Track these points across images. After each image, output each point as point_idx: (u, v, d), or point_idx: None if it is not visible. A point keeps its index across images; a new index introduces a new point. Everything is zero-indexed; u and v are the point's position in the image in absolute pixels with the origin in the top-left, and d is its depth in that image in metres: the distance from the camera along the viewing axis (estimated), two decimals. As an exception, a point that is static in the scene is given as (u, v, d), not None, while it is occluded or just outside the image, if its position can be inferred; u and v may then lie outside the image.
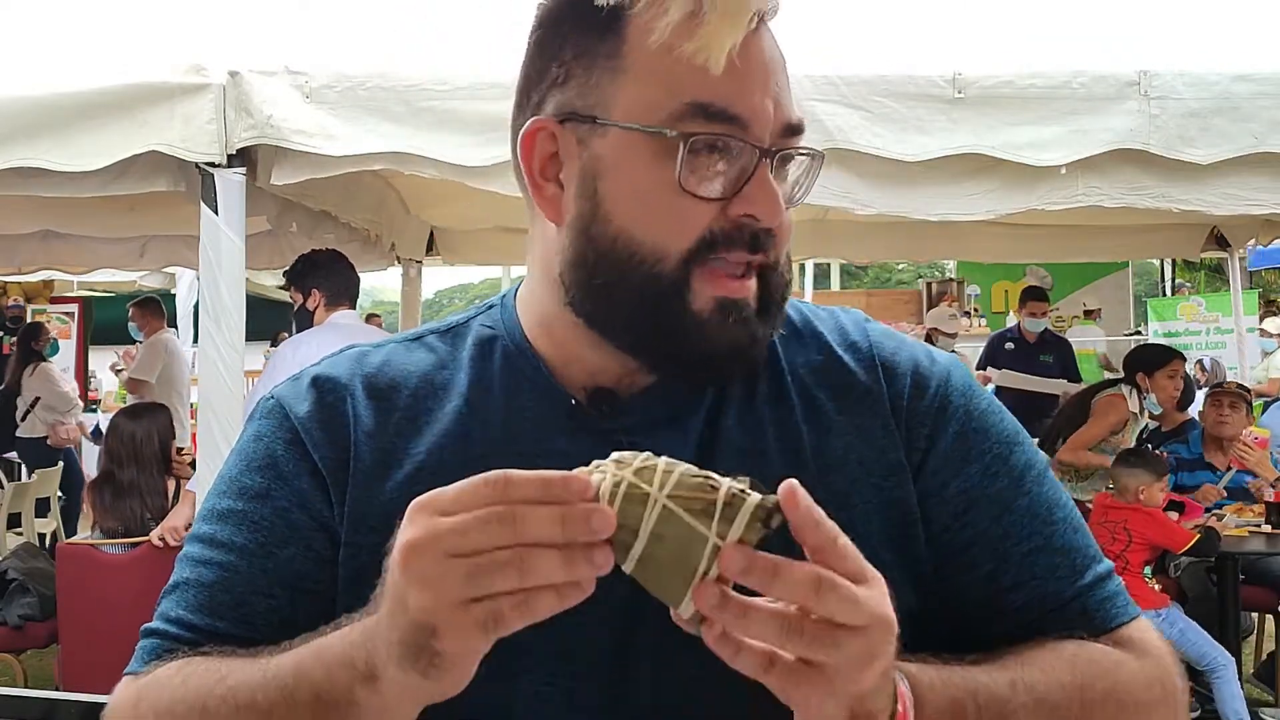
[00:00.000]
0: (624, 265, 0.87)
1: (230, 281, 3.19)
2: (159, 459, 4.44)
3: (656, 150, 0.86)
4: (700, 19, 0.84)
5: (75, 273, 8.22)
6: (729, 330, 0.87)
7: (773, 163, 0.87)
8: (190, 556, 0.95)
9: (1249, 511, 4.88)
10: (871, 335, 1.00)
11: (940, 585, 0.92)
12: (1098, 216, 5.06)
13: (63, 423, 8.17)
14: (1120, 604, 0.94)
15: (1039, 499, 0.95)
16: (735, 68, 0.84)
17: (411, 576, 0.69)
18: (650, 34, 0.85)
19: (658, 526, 0.69)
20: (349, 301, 4.40)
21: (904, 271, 25.84)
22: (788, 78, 0.90)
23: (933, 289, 11.52)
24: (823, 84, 3.16)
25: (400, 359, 0.98)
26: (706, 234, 0.86)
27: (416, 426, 0.94)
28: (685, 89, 0.85)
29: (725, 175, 0.86)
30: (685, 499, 0.69)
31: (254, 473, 0.94)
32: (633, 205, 0.87)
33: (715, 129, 0.85)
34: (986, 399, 0.99)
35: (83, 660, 3.99)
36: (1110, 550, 4.21)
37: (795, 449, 0.93)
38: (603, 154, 0.88)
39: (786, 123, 0.88)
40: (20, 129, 3.13)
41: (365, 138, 3.13)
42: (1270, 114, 3.17)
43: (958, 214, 3.51)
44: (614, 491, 0.69)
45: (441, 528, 0.68)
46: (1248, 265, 11.26)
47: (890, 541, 0.91)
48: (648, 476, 0.69)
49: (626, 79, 0.87)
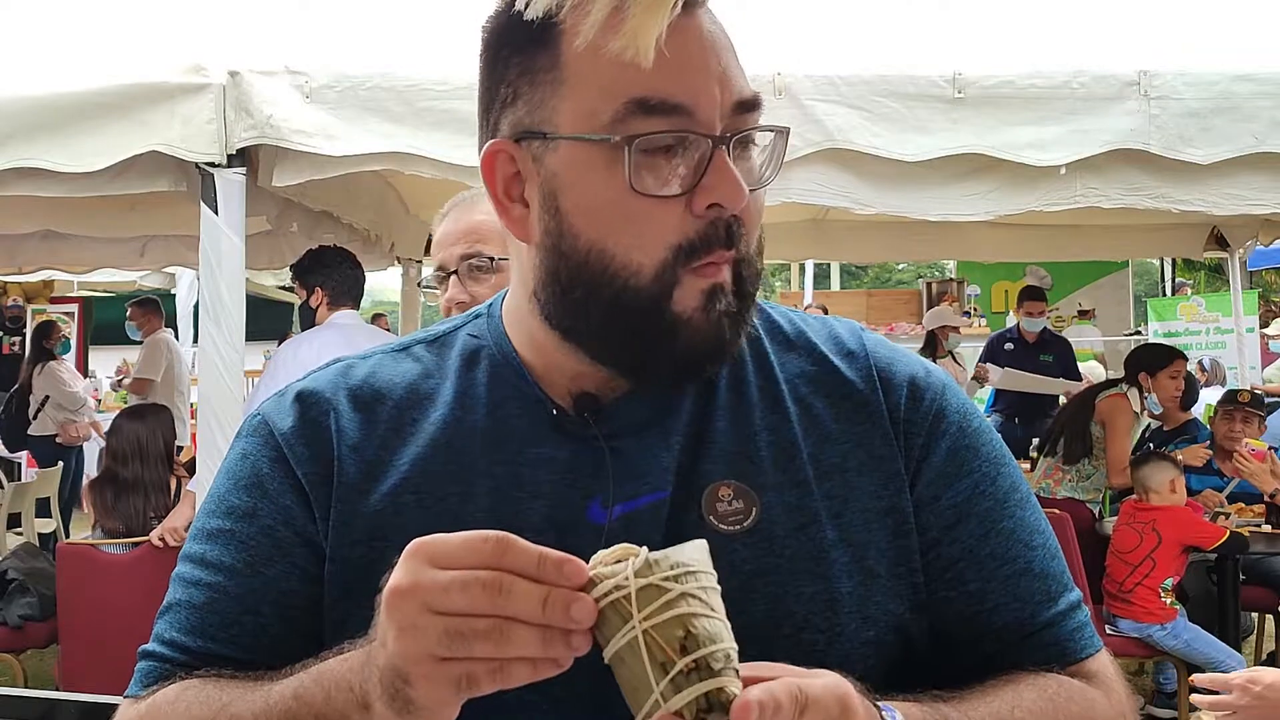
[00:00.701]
0: (599, 278, 0.85)
1: (230, 281, 3.19)
2: (164, 458, 4.46)
3: (608, 158, 0.83)
4: (624, 14, 0.82)
5: (75, 273, 8.23)
6: (713, 323, 0.86)
7: (730, 147, 0.84)
8: (182, 576, 0.95)
9: (1249, 512, 4.90)
10: (868, 344, 0.99)
11: (927, 600, 0.92)
12: (1097, 216, 5.05)
13: (74, 421, 8.19)
14: (1088, 634, 0.96)
15: (1023, 523, 0.96)
16: (669, 56, 0.82)
17: (392, 622, 0.69)
18: (578, 38, 0.83)
19: (623, 651, 0.69)
20: (352, 302, 4.39)
21: (904, 271, 25.84)
22: (735, 56, 0.88)
23: (933, 289, 11.50)
24: (823, 84, 3.16)
25: (387, 369, 0.98)
26: (681, 242, 0.84)
27: (402, 437, 0.93)
28: (621, 88, 0.83)
29: (682, 169, 0.84)
30: (656, 642, 0.69)
31: (241, 491, 0.94)
32: (597, 217, 0.85)
33: (660, 123, 0.83)
34: (979, 418, 0.99)
35: (83, 660, 3.99)
36: (1139, 552, 4.22)
37: (790, 455, 0.92)
38: (558, 169, 0.86)
39: (738, 100, 0.86)
40: (20, 129, 3.13)
41: (365, 138, 3.13)
42: (1270, 114, 3.17)
43: (958, 214, 3.51)
44: (609, 594, 0.69)
45: (427, 580, 0.68)
46: (1248, 265, 11.26)
47: (886, 550, 0.91)
48: (648, 597, 0.69)
49: (567, 89, 0.85)
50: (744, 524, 0.89)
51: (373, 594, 0.75)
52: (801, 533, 0.89)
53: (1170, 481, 4.34)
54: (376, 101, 3.13)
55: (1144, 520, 4.29)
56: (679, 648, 0.68)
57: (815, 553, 0.89)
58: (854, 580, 0.89)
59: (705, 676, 0.68)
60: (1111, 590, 4.30)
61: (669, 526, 0.88)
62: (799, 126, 3.15)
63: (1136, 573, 4.20)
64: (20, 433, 8.22)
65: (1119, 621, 4.27)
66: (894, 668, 0.90)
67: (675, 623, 0.69)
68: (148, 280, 9.21)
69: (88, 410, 8.49)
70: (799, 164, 3.20)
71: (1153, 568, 4.18)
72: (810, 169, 3.24)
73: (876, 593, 0.90)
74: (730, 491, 0.90)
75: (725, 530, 0.88)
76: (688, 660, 0.68)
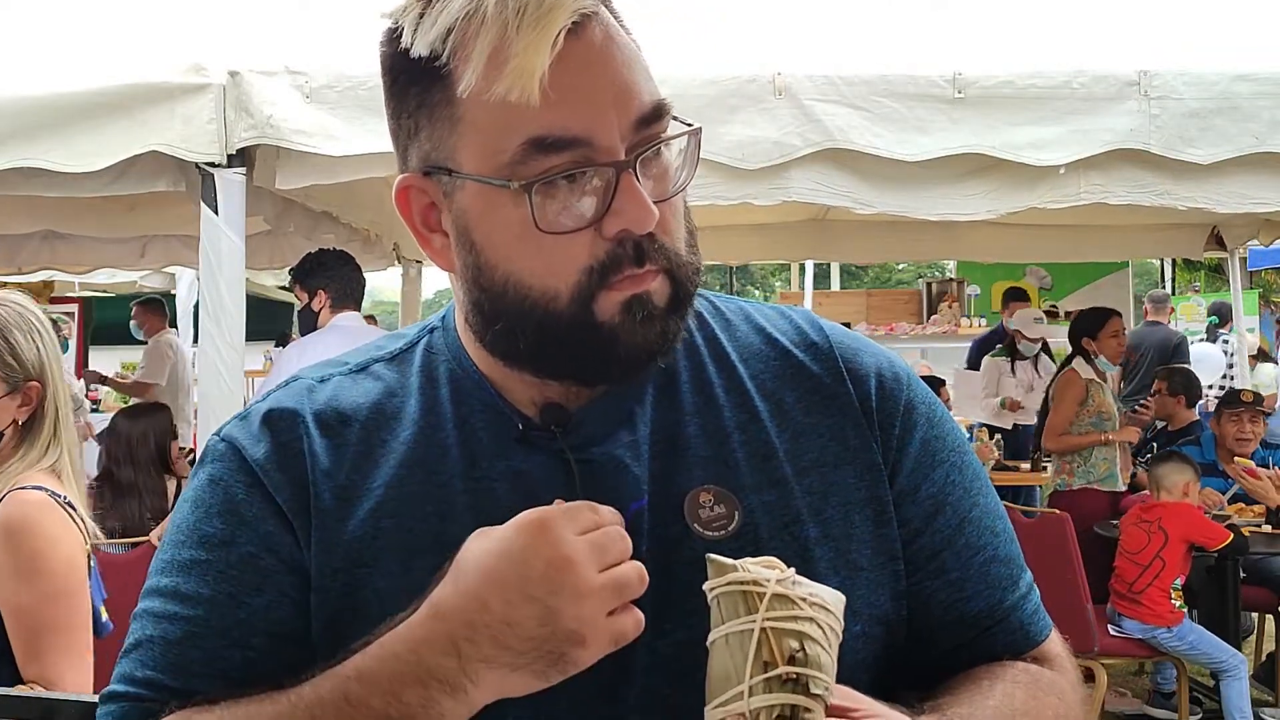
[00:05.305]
0: (520, 308, 0.85)
1: (230, 281, 3.19)
2: (156, 459, 4.45)
3: (513, 198, 0.82)
4: (506, 55, 0.79)
5: (76, 273, 8.21)
6: (639, 330, 0.85)
7: (636, 168, 0.82)
8: (150, 612, 0.89)
9: (1249, 512, 4.91)
10: (831, 336, 0.99)
11: (908, 589, 0.93)
12: (1098, 216, 5.06)
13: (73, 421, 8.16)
14: (1043, 616, 0.99)
15: (987, 509, 0.98)
16: (561, 87, 0.79)
17: (571, 592, 0.73)
18: (462, 83, 0.81)
19: (732, 638, 0.73)
20: (354, 303, 4.40)
21: (904, 271, 25.83)
22: (635, 60, 0.84)
23: (933, 289, 11.49)
24: (823, 84, 3.16)
25: (348, 391, 0.95)
26: (592, 264, 0.83)
27: (373, 459, 0.91)
28: (516, 129, 0.80)
29: (587, 200, 0.82)
30: (770, 643, 0.72)
31: (214, 519, 0.89)
32: (508, 252, 0.84)
33: (560, 159, 0.81)
34: (940, 406, 1.01)
35: (83, 660, 3.98)
36: (1148, 552, 4.22)
37: (765, 455, 0.92)
38: (466, 206, 0.85)
39: (638, 117, 0.83)
40: (20, 129, 3.13)
41: (365, 138, 3.12)
42: (1270, 114, 3.17)
43: (959, 213, 3.51)
44: (745, 584, 0.74)
45: (583, 545, 0.74)
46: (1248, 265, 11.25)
47: (867, 542, 0.92)
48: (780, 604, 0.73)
49: (463, 128, 0.83)
50: (728, 529, 0.88)
51: (357, 622, 0.80)
52: (785, 532, 0.89)
53: (1185, 484, 4.36)
54: (376, 101, 3.07)
55: (1151, 519, 4.29)
56: (788, 657, 0.71)
57: (800, 551, 0.89)
58: (839, 576, 0.89)
59: (799, 691, 0.71)
60: (1120, 590, 4.30)
61: (653, 535, 0.87)
62: (799, 126, 3.15)
63: (1147, 573, 4.20)
64: None
65: (1124, 621, 4.27)
66: (878, 660, 0.91)
67: (794, 635, 0.72)
68: (148, 280, 9.19)
69: (83, 411, 8.47)
70: (799, 164, 3.20)
71: (1162, 568, 4.18)
72: (810, 169, 3.24)
73: (860, 586, 0.90)
74: (711, 497, 0.89)
75: (710, 536, 0.88)
76: (790, 670, 0.71)
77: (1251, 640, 5.39)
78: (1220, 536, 4.22)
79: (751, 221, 6.13)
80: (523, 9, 0.78)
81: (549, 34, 0.78)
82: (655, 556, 0.85)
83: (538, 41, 0.78)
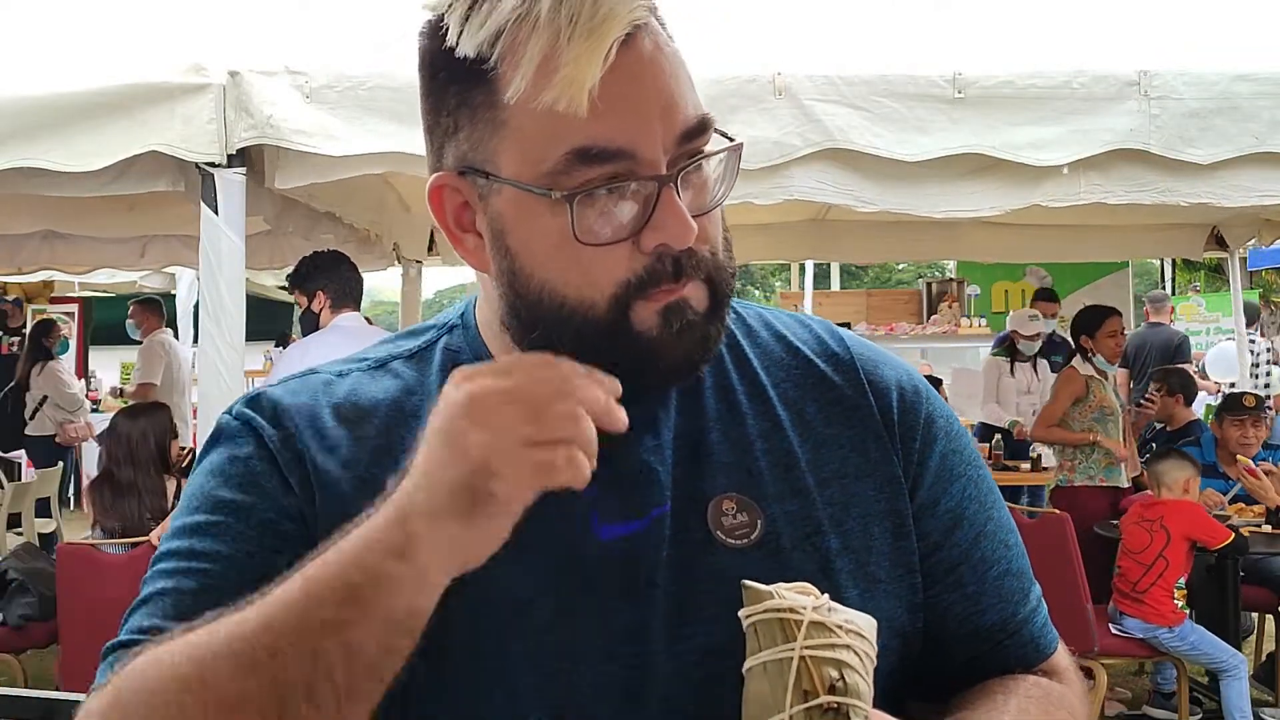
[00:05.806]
0: (556, 316, 0.84)
1: (230, 281, 3.19)
2: (155, 459, 4.44)
3: (552, 207, 0.81)
4: (556, 63, 0.78)
5: (75, 273, 8.22)
6: (678, 340, 0.84)
7: (677, 183, 0.82)
8: (163, 571, 0.86)
9: (1249, 512, 4.92)
10: (852, 348, 0.99)
11: (924, 601, 0.93)
12: (1098, 216, 5.06)
13: (72, 421, 8.18)
14: (1051, 629, 1.00)
15: (1000, 523, 0.98)
16: (608, 98, 0.78)
17: (475, 419, 0.70)
18: (510, 89, 0.80)
19: (770, 665, 0.73)
20: (354, 303, 4.40)
21: (904, 271, 25.83)
22: (681, 71, 0.84)
23: (933, 289, 11.48)
24: (823, 84, 3.16)
25: (367, 387, 0.93)
26: (630, 278, 0.82)
27: (393, 456, 0.88)
28: (561, 138, 0.80)
29: (627, 212, 0.82)
30: (809, 672, 0.72)
31: (232, 489, 0.88)
32: (544, 259, 0.84)
33: (602, 170, 0.80)
34: (956, 419, 1.01)
35: (83, 660, 3.99)
36: (1151, 551, 4.23)
37: (788, 464, 0.91)
38: (502, 210, 0.85)
39: (683, 131, 0.83)
40: (20, 129, 3.13)
41: (365, 138, 3.12)
42: (1270, 114, 3.18)
43: (962, 210, 3.52)
44: (782, 611, 0.73)
45: (503, 381, 0.71)
46: (1248, 265, 11.26)
47: (886, 554, 0.91)
48: (817, 632, 0.73)
49: (506, 132, 0.82)
50: (751, 537, 0.88)
51: None
52: (807, 543, 0.89)
53: (1185, 480, 4.37)
54: (376, 101, 3.13)
55: (1152, 517, 4.30)
56: (828, 686, 0.71)
57: (821, 563, 0.88)
58: (858, 588, 0.89)
59: None
60: (1124, 589, 4.31)
61: (674, 541, 0.87)
62: (799, 126, 3.15)
63: (1150, 573, 4.20)
64: (14, 432, 8.21)
65: (1126, 620, 4.27)
66: (894, 673, 0.90)
67: (833, 664, 0.72)
68: (148, 280, 9.20)
69: (84, 411, 8.49)
70: (799, 164, 3.21)
71: (1166, 567, 4.19)
72: (811, 169, 3.24)
73: (879, 598, 0.90)
74: (734, 505, 0.89)
75: (734, 545, 0.87)
76: (831, 699, 0.71)
77: (1251, 640, 5.39)
78: (1221, 534, 4.22)
79: (751, 221, 6.13)
80: (576, 17, 0.78)
81: (602, 45, 0.78)
82: (677, 562, 0.85)
83: (590, 52, 0.78)
